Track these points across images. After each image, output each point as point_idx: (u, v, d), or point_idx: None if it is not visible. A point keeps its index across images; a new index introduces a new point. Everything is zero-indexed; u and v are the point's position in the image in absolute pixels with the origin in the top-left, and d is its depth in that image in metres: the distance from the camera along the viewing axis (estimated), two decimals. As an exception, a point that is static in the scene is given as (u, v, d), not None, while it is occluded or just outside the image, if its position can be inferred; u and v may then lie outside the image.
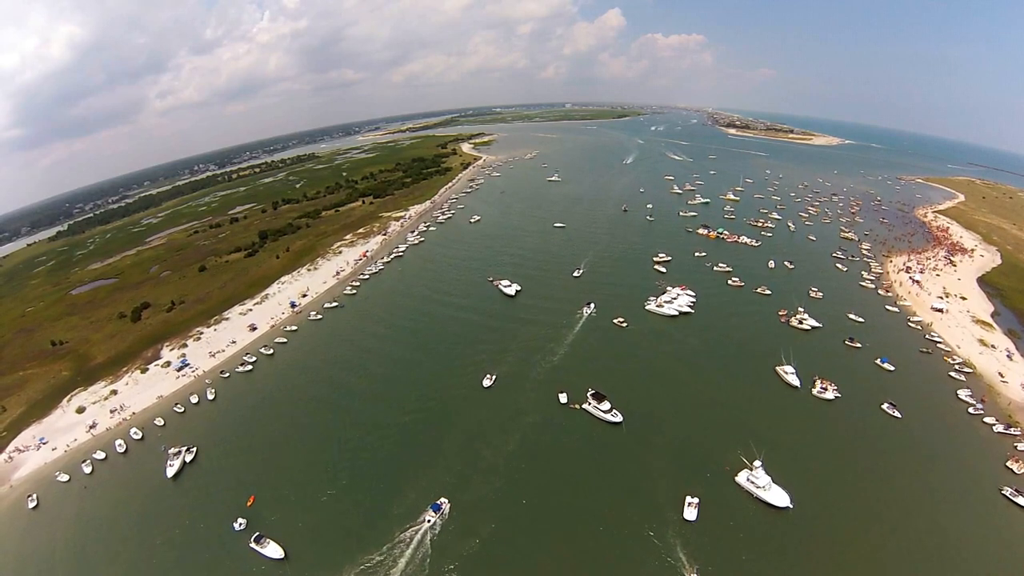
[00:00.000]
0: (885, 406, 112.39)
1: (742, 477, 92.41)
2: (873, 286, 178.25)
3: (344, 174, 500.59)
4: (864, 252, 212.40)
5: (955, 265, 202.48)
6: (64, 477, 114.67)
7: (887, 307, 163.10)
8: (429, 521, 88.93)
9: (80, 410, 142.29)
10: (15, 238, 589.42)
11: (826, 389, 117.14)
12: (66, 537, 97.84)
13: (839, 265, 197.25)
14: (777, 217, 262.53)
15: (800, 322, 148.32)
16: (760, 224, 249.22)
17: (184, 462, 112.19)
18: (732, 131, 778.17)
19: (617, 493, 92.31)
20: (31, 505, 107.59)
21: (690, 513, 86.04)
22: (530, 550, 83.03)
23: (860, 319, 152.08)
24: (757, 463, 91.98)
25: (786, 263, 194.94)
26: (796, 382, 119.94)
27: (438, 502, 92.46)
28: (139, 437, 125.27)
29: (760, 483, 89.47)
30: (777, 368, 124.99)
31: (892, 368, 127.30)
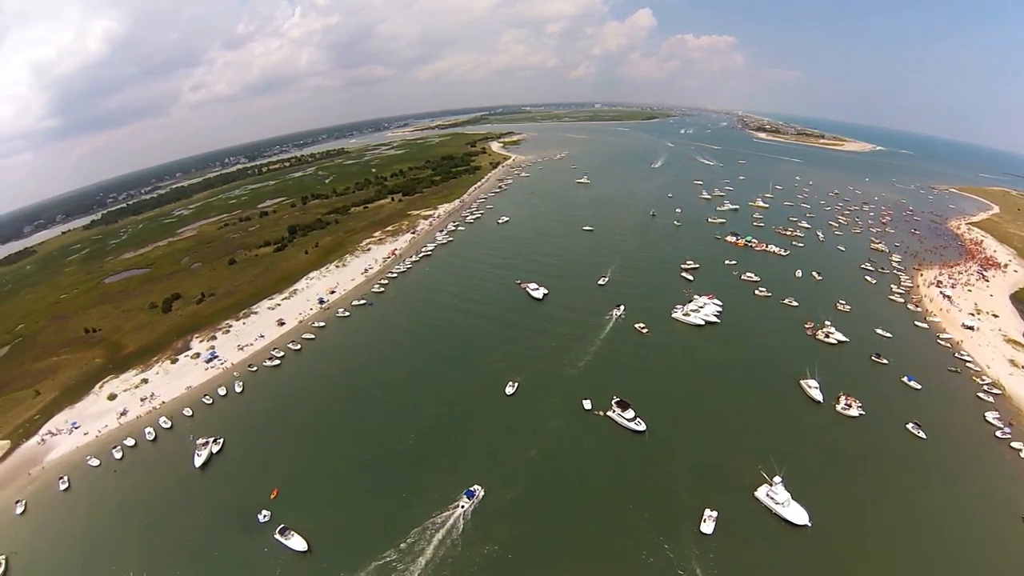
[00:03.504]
0: (910, 426, 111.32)
1: (761, 492, 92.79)
2: (902, 300, 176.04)
3: (373, 170, 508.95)
4: (894, 264, 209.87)
5: (988, 280, 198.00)
6: (95, 461, 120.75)
7: (916, 323, 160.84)
8: (463, 507, 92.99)
9: (111, 397, 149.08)
10: (50, 225, 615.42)
11: (850, 406, 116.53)
12: (96, 519, 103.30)
13: (868, 277, 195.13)
14: (806, 226, 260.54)
15: (826, 335, 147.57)
16: (789, 233, 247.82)
17: (211, 453, 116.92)
18: (762, 135, 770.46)
19: (636, 502, 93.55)
20: (62, 487, 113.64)
21: (707, 526, 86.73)
22: (546, 556, 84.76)
23: (888, 334, 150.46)
24: (777, 479, 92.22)
25: (814, 274, 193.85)
26: (820, 397, 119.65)
27: (472, 488, 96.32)
28: (168, 426, 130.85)
29: (779, 499, 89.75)
30: (801, 382, 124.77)
31: (919, 387, 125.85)
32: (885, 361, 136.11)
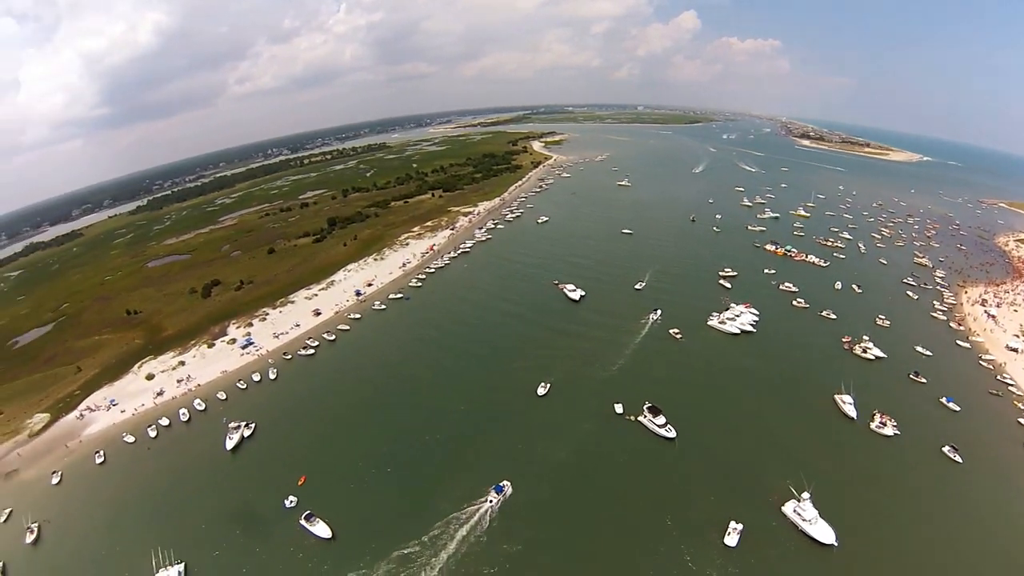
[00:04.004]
0: (946, 449, 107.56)
1: (789, 508, 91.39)
2: (945, 318, 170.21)
3: (414, 166, 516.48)
4: (938, 280, 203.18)
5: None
6: (130, 438, 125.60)
7: (958, 342, 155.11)
8: (491, 502, 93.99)
9: (149, 377, 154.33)
10: (97, 209, 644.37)
11: (885, 424, 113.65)
12: (127, 494, 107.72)
13: (910, 293, 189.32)
14: (848, 237, 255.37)
15: (864, 351, 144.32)
16: (830, 243, 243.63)
17: (243, 436, 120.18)
18: (806, 142, 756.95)
19: (661, 509, 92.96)
20: (98, 460, 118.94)
21: (731, 539, 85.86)
22: (569, 558, 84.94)
23: (928, 352, 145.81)
24: (805, 495, 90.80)
25: (854, 287, 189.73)
26: (854, 414, 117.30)
27: (501, 484, 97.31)
28: (202, 408, 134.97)
29: (807, 516, 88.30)
30: (836, 397, 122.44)
31: (958, 408, 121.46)
32: (923, 380, 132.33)
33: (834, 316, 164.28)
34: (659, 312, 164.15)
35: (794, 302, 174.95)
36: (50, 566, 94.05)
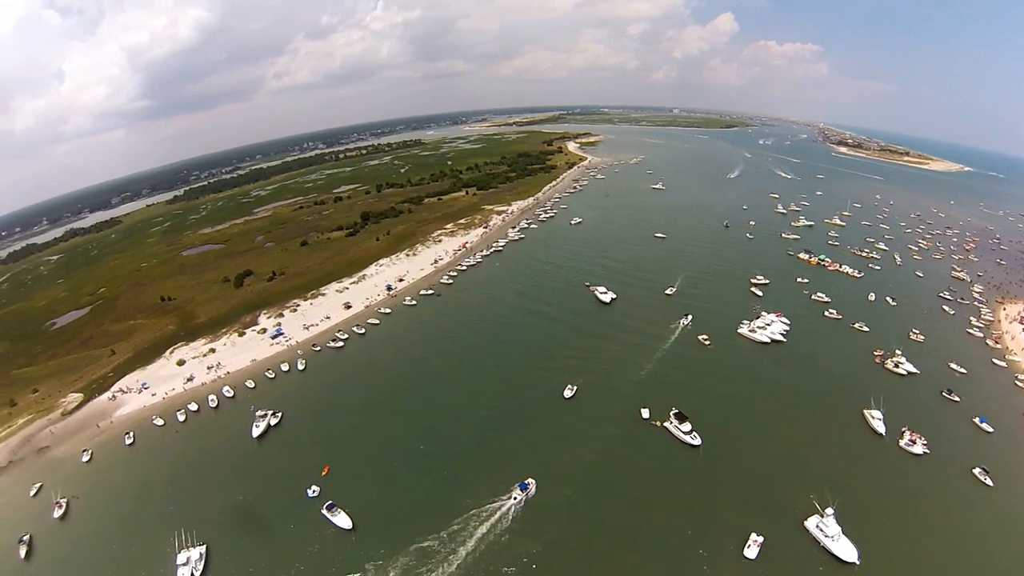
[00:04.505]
0: (976, 471, 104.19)
1: (811, 523, 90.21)
2: (981, 335, 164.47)
3: (449, 163, 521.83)
4: (975, 295, 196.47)
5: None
6: (159, 421, 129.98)
7: (994, 360, 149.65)
8: (515, 499, 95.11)
9: (180, 363, 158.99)
10: (136, 198, 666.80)
11: (914, 442, 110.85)
12: (154, 475, 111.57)
13: (946, 307, 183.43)
14: (884, 248, 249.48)
15: (896, 365, 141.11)
16: (865, 254, 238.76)
17: (269, 425, 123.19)
18: (843, 150, 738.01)
19: (683, 517, 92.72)
20: (128, 441, 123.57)
21: (751, 551, 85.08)
22: (588, 560, 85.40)
23: (962, 370, 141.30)
24: (829, 511, 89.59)
25: (888, 299, 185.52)
26: (883, 430, 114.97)
27: (526, 482, 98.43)
28: (231, 395, 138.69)
29: (829, 532, 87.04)
30: (865, 412, 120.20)
31: (991, 430, 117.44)
32: (957, 399, 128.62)
33: (867, 328, 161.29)
34: (690, 318, 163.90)
35: (826, 313, 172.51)
36: (75, 540, 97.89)
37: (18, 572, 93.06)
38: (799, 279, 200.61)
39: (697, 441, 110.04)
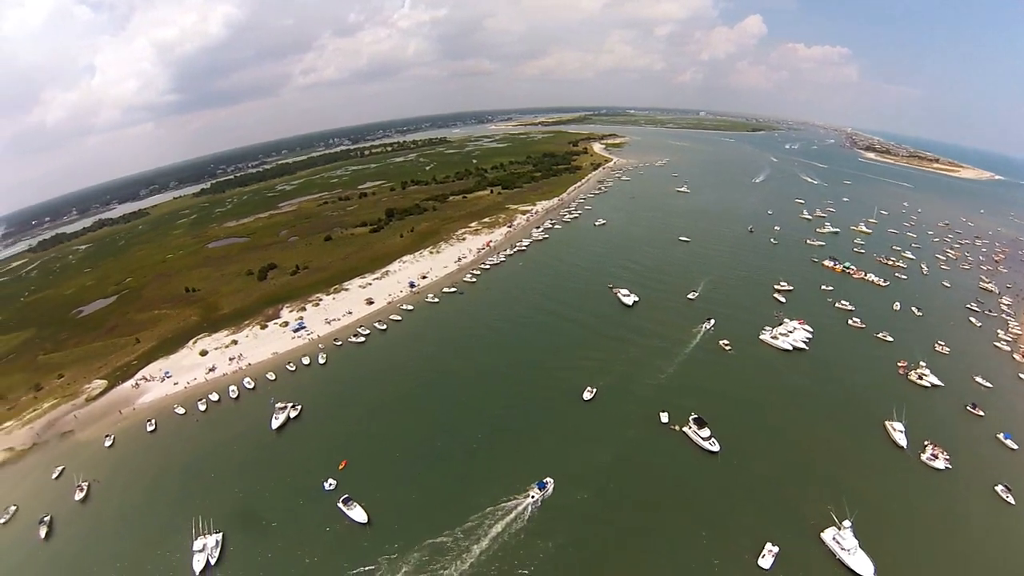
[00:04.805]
0: (999, 488, 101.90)
1: (828, 535, 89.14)
2: (1009, 348, 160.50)
3: (474, 161, 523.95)
4: (1003, 308, 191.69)
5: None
6: (181, 410, 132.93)
7: (1020, 375, 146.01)
8: (533, 497, 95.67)
9: (203, 353, 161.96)
10: (163, 190, 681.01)
11: (936, 457, 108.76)
12: (173, 462, 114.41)
13: (973, 319, 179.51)
14: (910, 256, 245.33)
15: (920, 377, 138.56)
16: (891, 263, 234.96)
17: (288, 417, 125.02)
18: (871, 155, 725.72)
19: (698, 523, 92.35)
20: (149, 428, 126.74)
21: (765, 561, 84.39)
22: (602, 562, 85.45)
23: (988, 384, 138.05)
24: (847, 523, 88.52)
25: (914, 309, 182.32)
26: (904, 443, 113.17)
27: (544, 480, 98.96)
28: (251, 387, 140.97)
29: (846, 545, 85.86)
30: (887, 423, 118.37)
31: (1015, 447, 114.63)
32: (981, 413, 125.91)
33: (891, 339, 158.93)
34: (712, 322, 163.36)
35: (850, 321, 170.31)
36: (95, 523, 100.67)
37: (38, 552, 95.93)
38: (823, 286, 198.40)
39: (716, 447, 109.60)
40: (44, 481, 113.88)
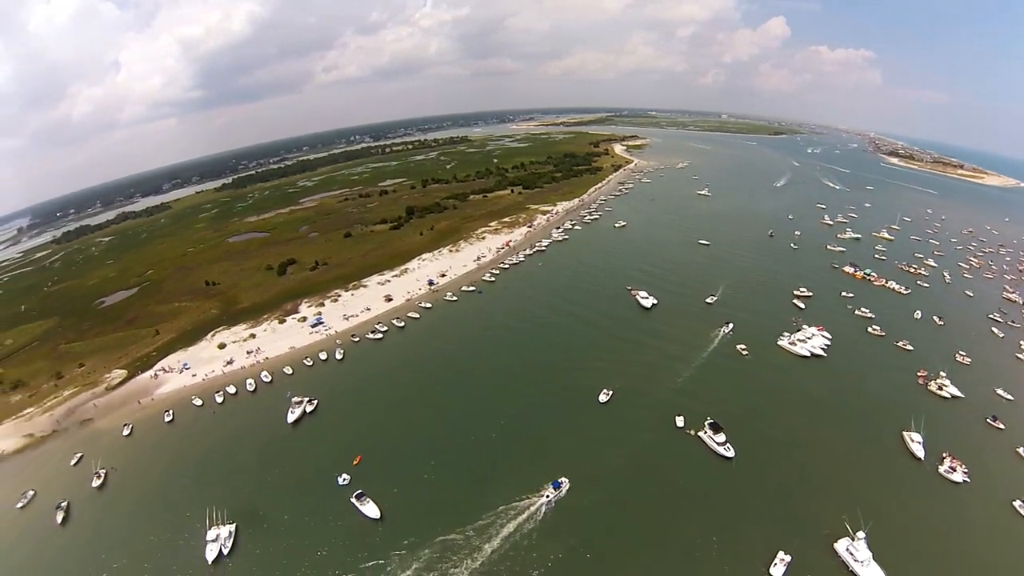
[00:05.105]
0: (1017, 504, 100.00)
1: (841, 545, 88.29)
2: None
3: (495, 161, 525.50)
4: None
5: None
6: (198, 401, 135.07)
7: None
8: (547, 497, 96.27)
9: (221, 346, 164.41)
10: (186, 185, 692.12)
11: (954, 469, 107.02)
12: (191, 452, 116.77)
13: (995, 330, 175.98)
14: (933, 264, 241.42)
15: (940, 388, 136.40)
16: (913, 270, 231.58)
17: (304, 411, 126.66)
18: (894, 160, 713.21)
19: (710, 529, 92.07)
20: (167, 419, 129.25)
21: (777, 570, 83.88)
22: (612, 565, 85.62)
23: (1009, 397, 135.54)
24: (861, 534, 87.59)
25: (935, 318, 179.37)
26: (922, 454, 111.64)
27: (559, 480, 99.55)
28: (268, 380, 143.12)
29: (859, 557, 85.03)
30: (904, 434, 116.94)
31: None
32: (1001, 426, 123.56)
33: (911, 348, 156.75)
34: (731, 326, 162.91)
35: (869, 329, 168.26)
36: (111, 510, 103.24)
37: (54, 537, 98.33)
38: (843, 293, 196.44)
39: (730, 453, 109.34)
40: (63, 467, 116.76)
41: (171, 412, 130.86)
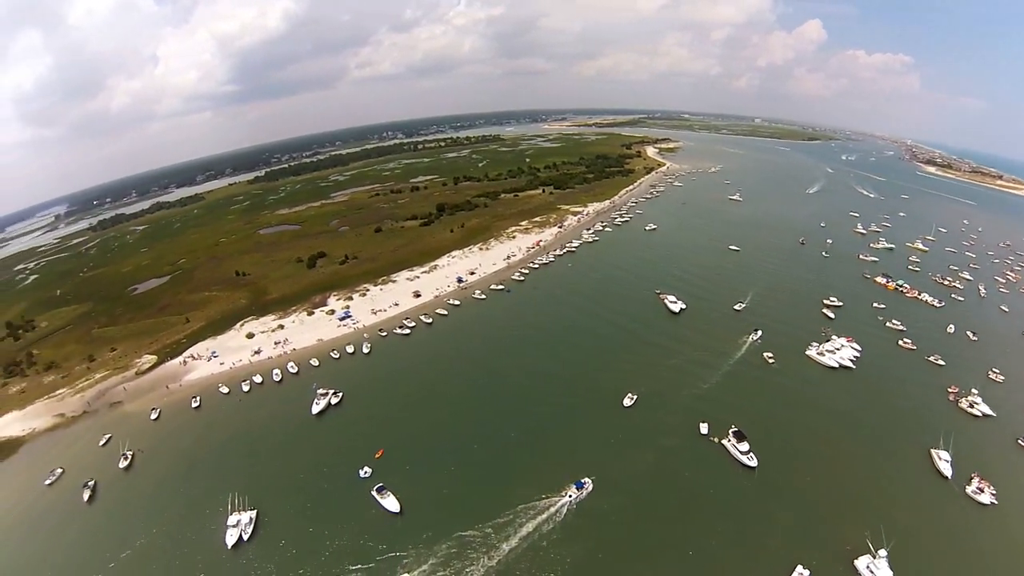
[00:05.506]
0: None
1: (862, 563, 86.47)
2: None
3: (527, 160, 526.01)
4: None
5: None
6: (225, 389, 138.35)
7: None
8: (570, 497, 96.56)
9: (249, 336, 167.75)
10: (219, 177, 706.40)
11: (982, 490, 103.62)
12: (215, 439, 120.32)
13: None
14: (968, 277, 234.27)
15: (971, 405, 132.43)
16: (947, 283, 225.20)
17: (329, 403, 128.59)
18: (931, 169, 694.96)
19: (730, 538, 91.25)
20: (194, 405, 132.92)
21: None
22: (629, 568, 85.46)
23: None
24: (882, 552, 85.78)
25: (968, 333, 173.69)
26: (949, 473, 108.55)
27: (582, 480, 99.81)
28: (295, 372, 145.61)
29: (880, 575, 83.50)
30: (932, 451, 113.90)
31: None
32: None
33: (942, 363, 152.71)
34: (759, 333, 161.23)
35: (900, 342, 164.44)
36: (136, 491, 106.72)
37: (80, 514, 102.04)
38: (874, 304, 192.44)
39: (754, 462, 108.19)
40: (91, 447, 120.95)
41: (198, 398, 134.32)
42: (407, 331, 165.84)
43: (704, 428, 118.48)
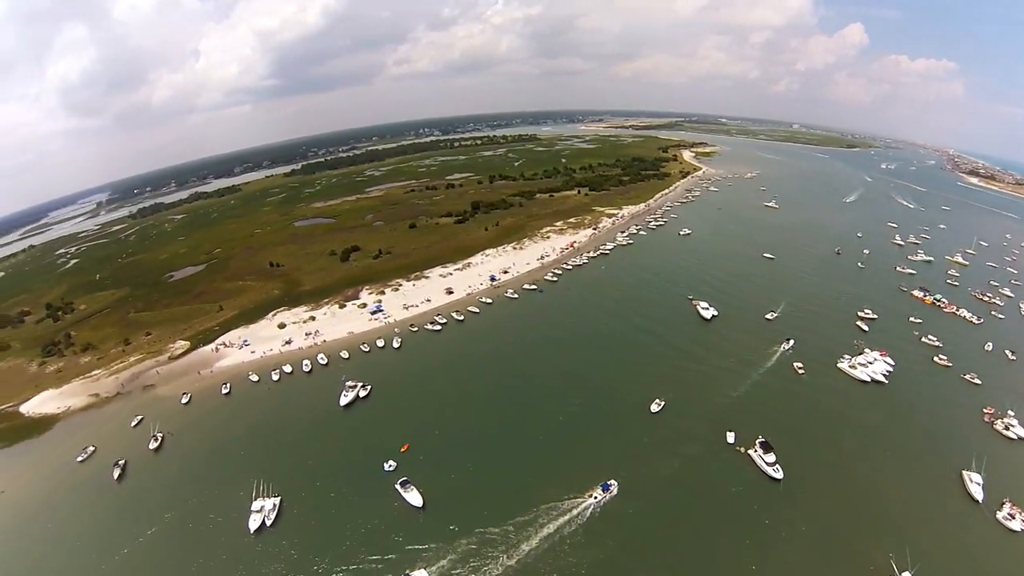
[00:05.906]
0: None
1: None
2: None
3: (563, 161, 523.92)
4: None
5: None
6: (255, 377, 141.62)
7: None
8: (596, 498, 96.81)
9: (281, 326, 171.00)
10: (257, 169, 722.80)
11: (1013, 517, 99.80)
12: (244, 425, 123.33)
13: None
14: (1009, 294, 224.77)
15: (1006, 427, 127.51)
16: (987, 299, 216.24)
17: (357, 396, 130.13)
18: (974, 180, 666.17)
19: (751, 551, 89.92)
20: (224, 391, 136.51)
21: None
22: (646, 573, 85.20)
23: None
24: (907, 574, 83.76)
25: (1007, 352, 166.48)
26: (980, 496, 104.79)
27: (608, 482, 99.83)
28: (324, 363, 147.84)
29: None
30: (964, 473, 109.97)
31: None
32: None
33: (979, 381, 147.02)
34: (791, 342, 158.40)
35: (936, 358, 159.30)
36: (165, 472, 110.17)
37: (110, 491, 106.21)
38: (911, 318, 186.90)
39: (779, 474, 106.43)
40: (123, 428, 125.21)
41: (228, 385, 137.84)
42: (438, 327, 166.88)
43: (731, 437, 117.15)
